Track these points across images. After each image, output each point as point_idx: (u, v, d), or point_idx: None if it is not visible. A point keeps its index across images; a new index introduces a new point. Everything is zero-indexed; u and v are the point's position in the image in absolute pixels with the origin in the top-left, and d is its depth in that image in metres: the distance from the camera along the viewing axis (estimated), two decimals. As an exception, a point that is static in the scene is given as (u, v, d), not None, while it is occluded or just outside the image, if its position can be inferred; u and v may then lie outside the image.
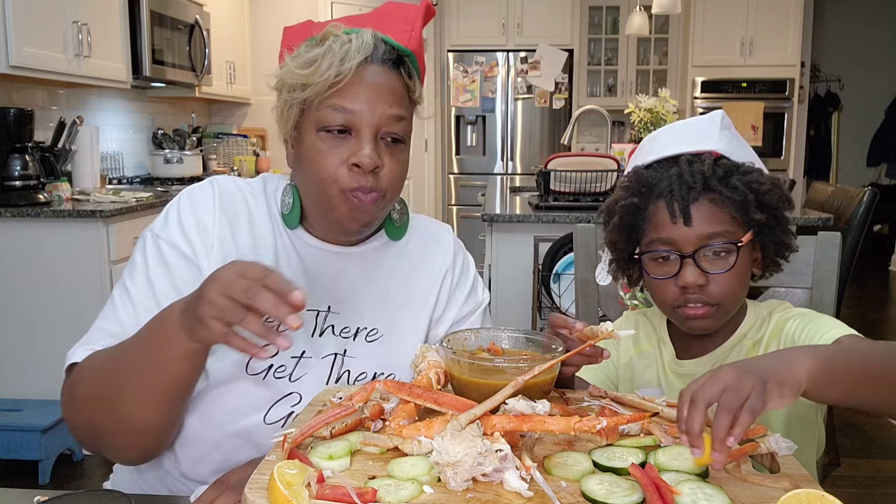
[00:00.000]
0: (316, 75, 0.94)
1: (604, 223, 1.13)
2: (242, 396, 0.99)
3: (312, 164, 0.97)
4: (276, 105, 1.01)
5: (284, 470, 0.66)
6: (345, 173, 0.95)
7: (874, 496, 2.61)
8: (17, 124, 2.84)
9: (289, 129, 1.00)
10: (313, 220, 1.04)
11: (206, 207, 1.01)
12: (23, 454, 2.59)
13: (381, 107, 0.96)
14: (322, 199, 0.98)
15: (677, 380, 1.12)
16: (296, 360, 1.01)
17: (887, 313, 5.56)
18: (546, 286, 2.60)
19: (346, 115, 0.95)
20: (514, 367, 0.84)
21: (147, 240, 1.01)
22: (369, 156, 0.94)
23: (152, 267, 0.99)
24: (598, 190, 3.00)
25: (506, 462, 0.69)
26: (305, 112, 0.97)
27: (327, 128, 0.96)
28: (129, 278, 1.00)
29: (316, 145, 0.96)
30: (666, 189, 1.03)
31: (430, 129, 6.17)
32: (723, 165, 1.04)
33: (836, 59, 7.32)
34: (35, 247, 2.77)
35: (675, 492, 0.66)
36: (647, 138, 1.16)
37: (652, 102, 3.86)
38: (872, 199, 2.48)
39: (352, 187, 0.95)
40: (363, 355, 1.05)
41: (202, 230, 1.00)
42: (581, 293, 1.47)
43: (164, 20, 3.83)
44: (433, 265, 1.13)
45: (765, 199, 1.02)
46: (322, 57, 0.94)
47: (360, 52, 0.95)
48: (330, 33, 0.97)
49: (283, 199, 1.05)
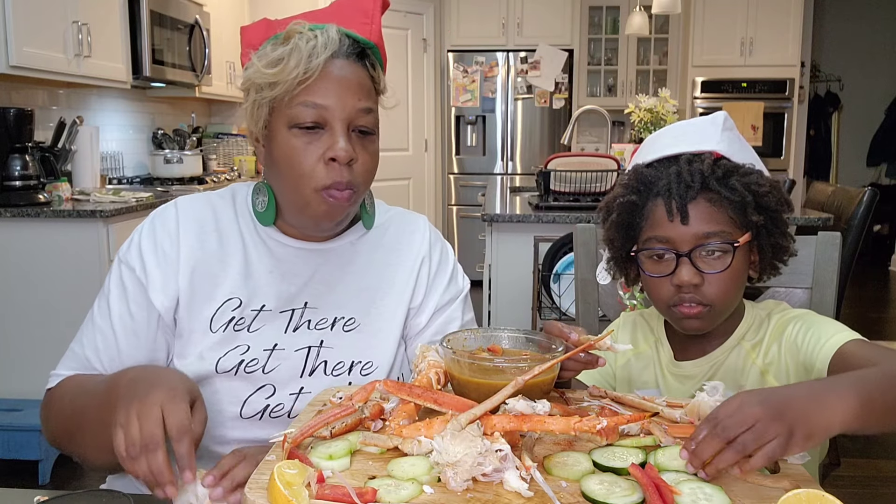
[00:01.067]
0: (284, 73, 0.94)
1: (602, 220, 1.14)
2: (217, 395, 1.01)
3: (287, 161, 0.98)
4: (244, 106, 1.03)
5: (284, 470, 0.66)
6: (321, 170, 0.97)
7: (874, 496, 2.61)
8: (17, 124, 2.84)
9: (259, 128, 1.01)
10: (288, 217, 1.05)
11: (167, 229, 1.05)
12: (23, 454, 2.59)
13: (350, 100, 0.97)
14: (297, 197, 0.99)
15: (675, 381, 1.12)
16: (268, 353, 1.03)
17: (887, 313, 5.56)
18: (546, 286, 2.60)
19: (318, 111, 0.96)
20: (514, 367, 0.84)
21: (114, 264, 1.07)
22: (345, 149, 0.96)
23: (112, 291, 1.05)
24: (598, 190, 3.00)
25: (506, 462, 0.69)
26: (275, 110, 0.98)
27: (299, 124, 0.97)
28: (97, 302, 1.07)
29: (289, 142, 0.97)
30: (664, 187, 1.03)
31: (430, 129, 6.17)
32: (722, 166, 1.04)
33: (836, 59, 7.32)
34: (35, 247, 2.77)
35: (675, 492, 0.66)
36: (649, 137, 1.16)
37: (652, 102, 3.86)
38: (872, 199, 2.48)
39: (327, 184, 0.97)
40: (340, 345, 1.06)
41: (160, 254, 1.04)
42: (581, 293, 1.47)
43: (164, 20, 3.83)
44: (409, 254, 1.14)
45: (763, 201, 1.02)
46: (289, 55, 0.95)
47: (326, 48, 0.96)
48: (294, 31, 0.97)
49: (255, 198, 1.07)
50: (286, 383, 1.02)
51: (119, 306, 1.04)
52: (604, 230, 1.13)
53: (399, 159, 5.93)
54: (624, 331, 1.22)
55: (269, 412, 1.02)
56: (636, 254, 1.08)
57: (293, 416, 1.02)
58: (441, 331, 1.12)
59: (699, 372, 1.10)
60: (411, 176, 6.08)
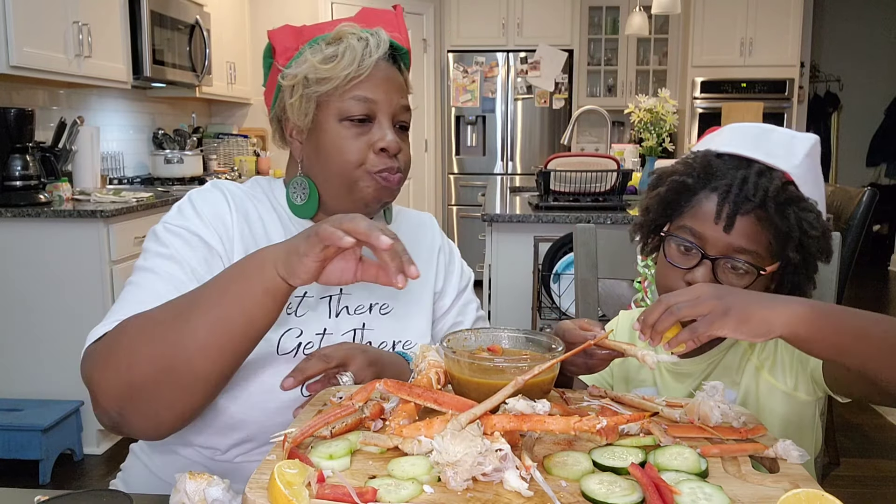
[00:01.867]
0: (338, 69, 1.02)
1: (649, 187, 1.11)
2: (279, 376, 0.98)
3: (338, 149, 1.05)
4: (290, 101, 1.06)
5: (284, 470, 0.66)
6: (372, 157, 1.05)
7: (874, 496, 2.62)
8: (17, 124, 2.84)
9: (307, 121, 1.07)
10: (332, 205, 1.09)
11: (222, 205, 1.06)
12: (23, 454, 2.59)
13: (395, 97, 1.07)
14: (348, 182, 1.06)
15: (673, 379, 1.12)
16: (320, 337, 1.06)
17: (887, 313, 5.54)
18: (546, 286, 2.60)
19: (369, 105, 1.05)
20: (514, 367, 0.84)
21: (159, 232, 1.03)
22: (395, 140, 1.05)
23: (174, 246, 1.00)
24: (598, 190, 3.00)
25: (506, 462, 0.69)
26: (322, 105, 1.05)
27: (351, 117, 1.04)
28: (144, 262, 1.00)
29: (340, 133, 1.05)
30: (724, 187, 1.01)
31: (430, 130, 6.17)
32: (789, 192, 1.00)
33: (836, 59, 7.32)
34: (35, 247, 2.77)
35: (675, 491, 0.66)
36: (733, 126, 1.11)
37: (652, 102, 3.87)
38: (872, 199, 2.48)
39: (379, 168, 1.05)
40: (380, 327, 1.12)
41: (222, 223, 1.04)
42: (581, 293, 1.47)
43: (165, 20, 3.83)
44: (425, 244, 1.23)
45: (808, 243, 1.00)
46: (343, 53, 1.03)
47: (378, 48, 1.05)
48: (346, 32, 1.06)
49: (292, 192, 1.10)
50: None
51: (188, 254, 0.99)
52: (645, 197, 1.12)
53: (399, 159, 5.93)
54: (622, 330, 1.22)
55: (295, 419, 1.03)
56: (666, 234, 1.06)
57: None
58: (462, 312, 1.23)
59: (697, 370, 1.10)
60: (411, 176, 6.06)
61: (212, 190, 1.08)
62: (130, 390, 0.86)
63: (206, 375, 0.87)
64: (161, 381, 0.85)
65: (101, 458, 2.83)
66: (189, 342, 0.84)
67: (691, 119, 6.00)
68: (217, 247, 1.02)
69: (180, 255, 0.99)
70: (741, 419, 0.83)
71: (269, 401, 1.00)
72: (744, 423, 0.83)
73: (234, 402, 1.00)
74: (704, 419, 0.82)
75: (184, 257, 0.99)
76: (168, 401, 0.87)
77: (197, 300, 0.87)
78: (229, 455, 1.03)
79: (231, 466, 1.03)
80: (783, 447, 0.76)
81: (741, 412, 0.85)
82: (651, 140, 3.84)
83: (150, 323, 0.87)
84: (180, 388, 0.86)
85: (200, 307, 0.86)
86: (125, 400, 0.87)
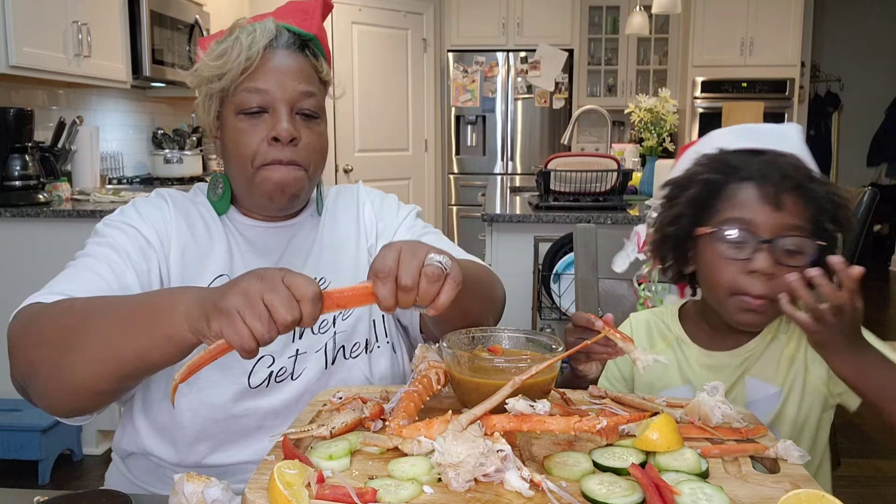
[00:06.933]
0: (229, 63, 1.03)
1: (670, 196, 1.08)
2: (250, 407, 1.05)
3: (235, 144, 1.06)
4: (196, 102, 1.10)
5: (284, 470, 0.66)
6: (265, 148, 1.04)
7: (874, 496, 2.61)
8: (16, 124, 2.84)
9: (212, 119, 1.09)
10: (246, 202, 1.12)
11: (161, 205, 1.11)
12: (23, 454, 2.59)
13: (291, 84, 1.05)
14: (247, 176, 1.06)
15: (708, 373, 1.08)
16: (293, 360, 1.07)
17: (887, 313, 5.57)
18: (546, 286, 2.60)
19: (261, 95, 1.04)
20: (514, 367, 0.84)
21: (99, 228, 1.08)
22: (286, 128, 1.03)
23: (111, 236, 1.05)
24: (598, 190, 3.00)
25: (507, 462, 0.69)
26: (224, 101, 1.07)
27: (245, 110, 1.05)
28: (83, 250, 1.06)
29: (237, 127, 1.05)
30: (757, 171, 1.00)
31: (430, 129, 6.17)
32: (809, 170, 1.02)
33: (836, 59, 7.32)
34: (35, 247, 2.76)
35: (675, 492, 0.66)
36: (712, 134, 1.13)
37: (652, 102, 3.87)
38: (872, 199, 2.47)
39: (269, 160, 1.04)
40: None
41: (161, 220, 1.08)
42: (581, 293, 1.47)
43: (164, 20, 3.83)
44: (351, 205, 1.21)
45: (839, 213, 1.00)
46: (232, 47, 1.04)
47: (264, 36, 1.04)
48: (236, 26, 1.07)
49: (210, 189, 1.14)
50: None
51: (124, 241, 1.04)
52: (668, 208, 1.08)
53: (399, 159, 5.93)
54: (638, 333, 1.16)
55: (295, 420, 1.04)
56: (709, 234, 1.02)
57: None
58: (412, 237, 1.14)
59: (733, 362, 1.07)
60: (411, 176, 6.07)
61: (153, 196, 1.14)
62: (30, 368, 0.90)
63: (91, 386, 0.87)
64: (52, 375, 0.88)
65: (101, 458, 2.83)
66: (79, 352, 0.85)
67: (692, 119, 6.00)
68: (154, 241, 1.06)
69: (117, 242, 1.04)
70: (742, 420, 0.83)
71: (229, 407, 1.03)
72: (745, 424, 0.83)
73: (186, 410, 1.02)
74: (705, 419, 0.82)
75: (121, 244, 1.03)
76: (58, 393, 0.90)
77: (105, 314, 0.87)
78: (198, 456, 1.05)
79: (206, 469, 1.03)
80: (784, 448, 0.76)
81: (742, 412, 0.85)
82: (651, 140, 3.83)
83: (65, 316, 0.89)
84: (66, 388, 0.88)
85: (103, 322, 0.85)
86: (26, 375, 0.91)
